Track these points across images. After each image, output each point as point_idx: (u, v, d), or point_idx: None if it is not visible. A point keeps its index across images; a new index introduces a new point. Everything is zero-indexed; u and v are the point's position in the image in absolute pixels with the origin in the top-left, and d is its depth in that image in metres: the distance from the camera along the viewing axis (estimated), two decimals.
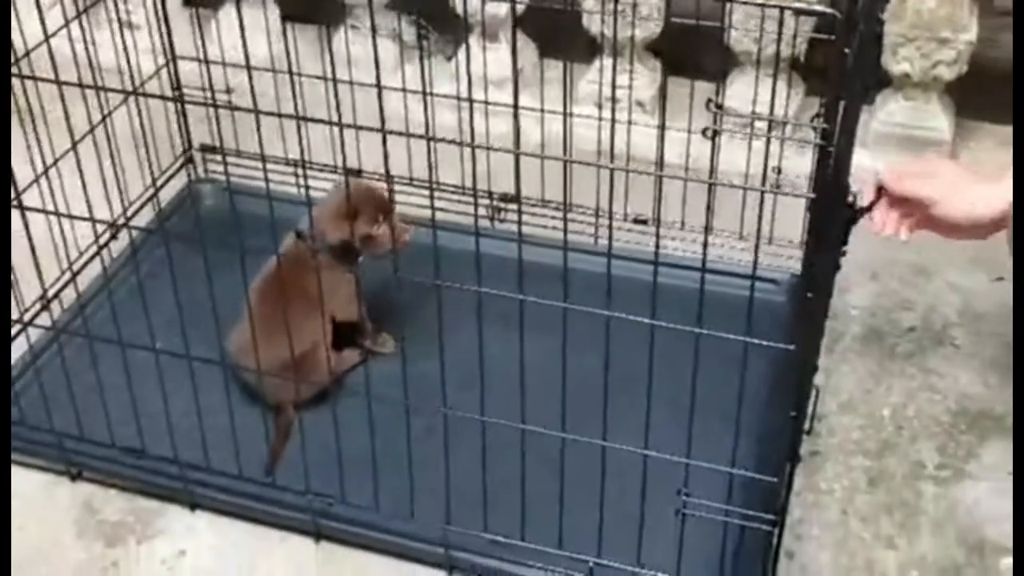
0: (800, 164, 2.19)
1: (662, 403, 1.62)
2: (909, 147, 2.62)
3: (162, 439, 1.90)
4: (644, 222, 2.35)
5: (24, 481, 2.01)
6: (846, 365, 2.22)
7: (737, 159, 2.30)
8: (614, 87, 1.48)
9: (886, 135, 2.63)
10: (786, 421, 1.67)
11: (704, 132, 1.39)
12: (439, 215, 2.16)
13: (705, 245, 1.49)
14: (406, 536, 1.85)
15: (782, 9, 1.30)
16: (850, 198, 1.74)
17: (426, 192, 2.27)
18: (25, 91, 1.86)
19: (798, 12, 1.29)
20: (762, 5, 1.27)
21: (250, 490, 1.91)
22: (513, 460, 1.72)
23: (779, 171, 2.18)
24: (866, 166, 1.81)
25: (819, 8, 1.26)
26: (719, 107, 1.35)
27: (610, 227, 1.67)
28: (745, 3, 1.24)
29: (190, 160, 2.59)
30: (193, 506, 1.95)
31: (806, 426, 1.99)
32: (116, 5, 2.39)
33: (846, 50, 1.34)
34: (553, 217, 2.36)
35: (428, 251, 1.63)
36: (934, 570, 1.86)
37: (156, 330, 1.81)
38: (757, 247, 1.47)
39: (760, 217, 1.46)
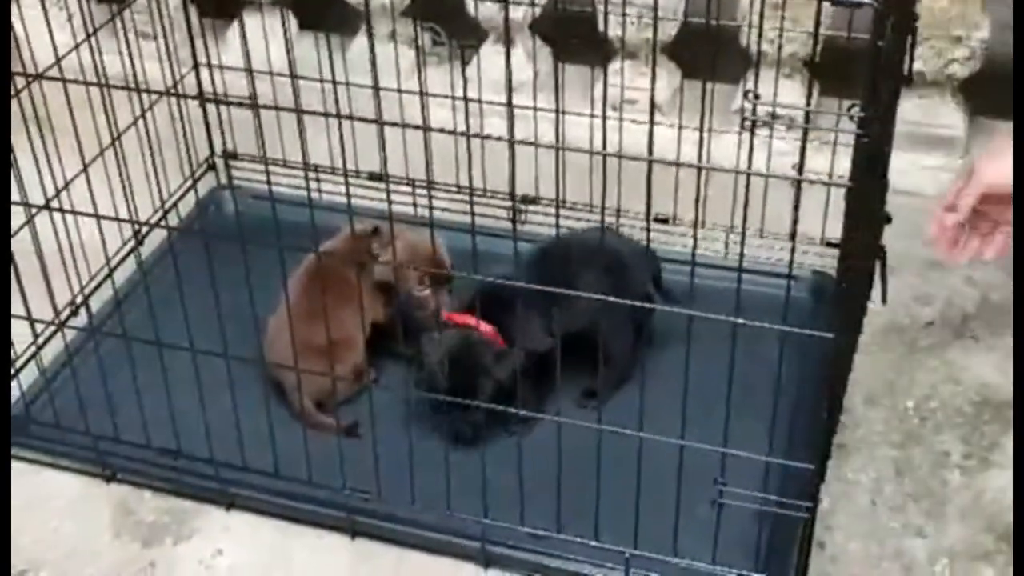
0: (819, 163, 2.22)
1: (694, 396, 1.64)
2: (923, 145, 2.66)
3: (198, 439, 1.92)
4: (665, 221, 2.37)
5: (60, 483, 2.03)
6: (868, 359, 2.24)
7: (758, 160, 2.32)
8: (653, 78, 1.50)
9: (900, 133, 2.65)
10: (820, 410, 1.70)
11: (743, 122, 1.41)
12: (460, 217, 2.20)
13: (743, 241, 1.52)
14: (442, 531, 1.87)
15: (820, 0, 1.33)
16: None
17: (445, 194, 2.31)
18: (67, 97, 1.88)
19: (835, 3, 1.31)
20: None
21: (286, 488, 1.93)
22: (549, 453, 1.75)
23: (801, 169, 2.21)
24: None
25: None
26: (756, 97, 1.37)
27: (647, 227, 1.70)
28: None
29: (212, 167, 2.61)
30: (229, 506, 1.97)
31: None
32: (131, 16, 2.42)
33: (880, 42, 1.37)
34: (577, 219, 2.37)
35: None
36: (963, 558, 1.88)
37: (191, 330, 1.83)
38: (794, 245, 1.50)
39: (796, 209, 1.49)
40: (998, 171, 1.86)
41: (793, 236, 1.52)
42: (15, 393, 2.07)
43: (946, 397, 2.17)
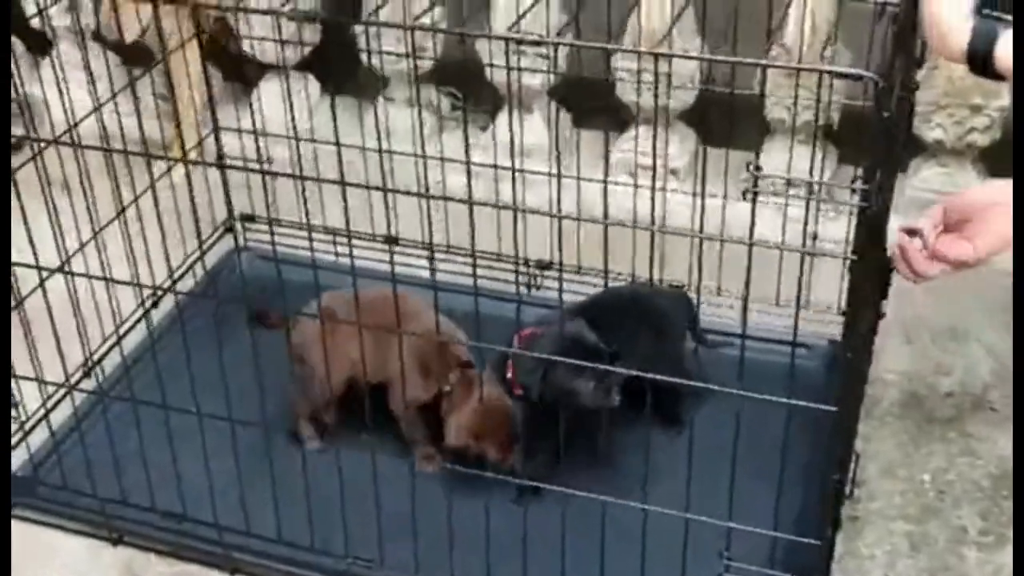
0: (835, 231, 2.20)
1: (702, 464, 1.62)
2: None
3: (203, 503, 1.91)
4: (680, 287, 2.36)
5: (67, 545, 2.02)
6: (885, 430, 2.21)
7: (772, 228, 2.31)
8: (655, 145, 1.50)
9: (920, 201, 2.63)
10: (828, 484, 1.67)
11: (744, 194, 1.41)
12: (478, 282, 2.20)
13: (744, 309, 1.50)
14: None
15: (821, 73, 1.32)
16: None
17: (461, 259, 2.31)
18: (79, 161, 1.90)
19: (837, 75, 1.31)
20: (801, 69, 1.29)
21: (289, 554, 1.91)
22: (553, 523, 1.73)
23: (815, 237, 2.19)
24: (893, 231, 1.82)
25: (857, 71, 1.28)
26: (758, 168, 1.37)
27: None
28: (785, 68, 1.27)
29: (230, 229, 2.63)
30: (233, 571, 1.95)
31: (846, 490, 1.98)
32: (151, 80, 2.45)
33: (885, 113, 1.36)
34: (592, 284, 2.37)
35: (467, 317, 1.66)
36: None
37: (197, 395, 1.83)
38: (797, 311, 1.49)
39: (800, 279, 1.48)
40: (957, 197, 1.79)
41: (797, 305, 1.51)
42: (23, 455, 2.08)
43: (964, 470, 2.13)
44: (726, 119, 2.28)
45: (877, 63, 1.48)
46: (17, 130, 1.94)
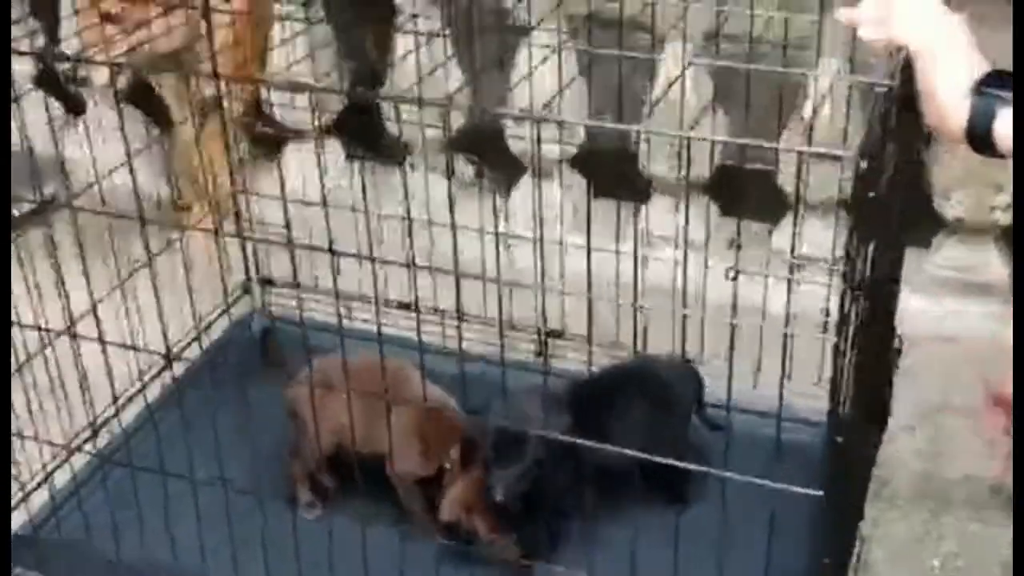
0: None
1: (699, 545, 1.60)
2: (964, 292, 2.59)
3: (195, 566, 1.91)
4: (689, 361, 2.34)
5: None
6: (895, 512, 2.16)
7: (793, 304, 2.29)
8: (635, 219, 1.50)
9: (941, 279, 2.60)
10: (819, 569, 1.63)
11: (727, 272, 1.40)
12: (489, 349, 2.19)
13: (729, 384, 1.48)
14: None
15: (800, 153, 1.32)
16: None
17: (476, 327, 2.31)
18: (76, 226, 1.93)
19: (816, 155, 1.30)
20: (780, 150, 1.28)
21: None
22: None
23: (828, 313, 2.16)
24: (914, 309, 1.78)
25: (836, 152, 1.27)
26: (739, 247, 1.36)
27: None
28: (762, 146, 1.26)
29: (248, 291, 2.64)
30: None
31: None
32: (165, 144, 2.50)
33: (871, 193, 1.35)
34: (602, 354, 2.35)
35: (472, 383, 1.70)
36: None
37: (198, 460, 1.84)
38: (781, 388, 1.47)
39: (784, 357, 1.46)
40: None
41: (781, 382, 1.49)
42: (24, 516, 2.09)
43: (976, 556, 2.08)
44: (740, 192, 2.28)
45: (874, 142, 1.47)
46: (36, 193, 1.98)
